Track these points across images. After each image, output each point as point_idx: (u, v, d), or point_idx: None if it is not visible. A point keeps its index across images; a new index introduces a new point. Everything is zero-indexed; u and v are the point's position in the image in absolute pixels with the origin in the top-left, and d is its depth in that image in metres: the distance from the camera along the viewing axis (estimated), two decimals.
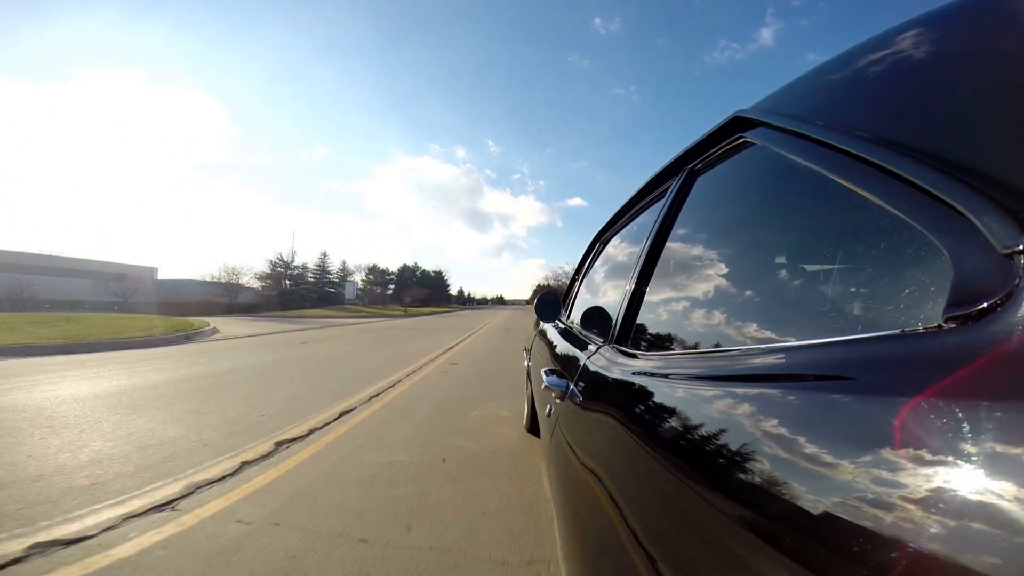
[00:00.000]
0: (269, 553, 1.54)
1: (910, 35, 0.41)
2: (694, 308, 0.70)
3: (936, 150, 0.31)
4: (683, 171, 0.87)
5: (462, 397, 4.14)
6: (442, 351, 7.96)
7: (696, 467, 0.41)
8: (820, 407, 0.31)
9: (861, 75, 0.45)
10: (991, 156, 0.29)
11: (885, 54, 0.44)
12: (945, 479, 0.21)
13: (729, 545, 0.33)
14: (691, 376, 0.52)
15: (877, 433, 0.25)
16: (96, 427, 3.00)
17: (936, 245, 0.28)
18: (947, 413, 0.22)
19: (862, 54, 0.47)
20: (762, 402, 0.37)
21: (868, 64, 0.45)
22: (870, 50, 0.46)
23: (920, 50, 0.39)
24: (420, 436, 2.93)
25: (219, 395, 4.05)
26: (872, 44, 0.46)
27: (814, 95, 0.51)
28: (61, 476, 2.16)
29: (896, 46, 0.43)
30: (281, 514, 1.84)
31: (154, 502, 1.91)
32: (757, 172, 0.64)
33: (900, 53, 0.42)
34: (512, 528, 1.76)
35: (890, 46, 0.43)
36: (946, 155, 0.30)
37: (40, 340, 7.84)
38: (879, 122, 0.39)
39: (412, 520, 1.80)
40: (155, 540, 1.62)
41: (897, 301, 0.32)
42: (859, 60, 0.47)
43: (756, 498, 0.32)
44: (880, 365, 0.29)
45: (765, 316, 0.52)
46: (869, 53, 0.46)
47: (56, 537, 1.61)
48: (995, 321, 0.23)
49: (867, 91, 0.43)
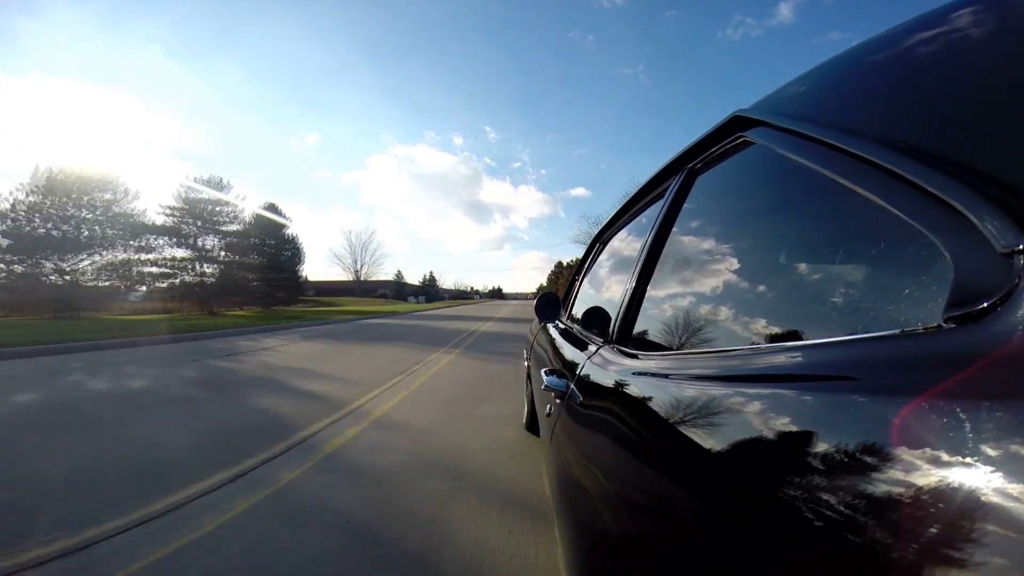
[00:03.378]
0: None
1: (910, 35, 0.41)
2: (694, 308, 0.70)
3: (936, 150, 0.31)
4: (683, 170, 0.87)
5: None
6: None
7: (696, 467, 0.41)
8: (820, 407, 0.31)
9: (861, 75, 0.45)
10: (991, 156, 0.29)
11: (885, 54, 0.44)
12: (946, 479, 0.20)
13: (729, 545, 0.33)
14: (691, 376, 0.52)
15: (876, 433, 0.25)
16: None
17: (936, 245, 0.28)
18: (947, 413, 0.22)
19: (862, 53, 0.47)
20: (762, 402, 0.37)
21: (868, 64, 0.45)
22: (870, 50, 0.46)
23: (920, 50, 0.39)
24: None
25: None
26: (872, 44, 0.46)
27: (814, 95, 0.50)
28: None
29: (896, 46, 0.42)
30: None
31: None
32: (757, 172, 0.64)
33: (900, 53, 0.42)
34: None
35: (890, 46, 0.43)
36: (946, 155, 0.30)
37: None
38: (879, 122, 0.39)
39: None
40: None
41: (897, 301, 0.32)
42: (859, 60, 0.47)
43: (757, 499, 0.32)
44: (879, 365, 0.29)
45: (765, 316, 0.52)
46: (869, 53, 0.46)
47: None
48: (995, 321, 0.23)
49: (867, 91, 0.43)
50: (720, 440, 0.38)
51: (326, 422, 3.13)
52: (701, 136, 0.78)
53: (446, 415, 3.36)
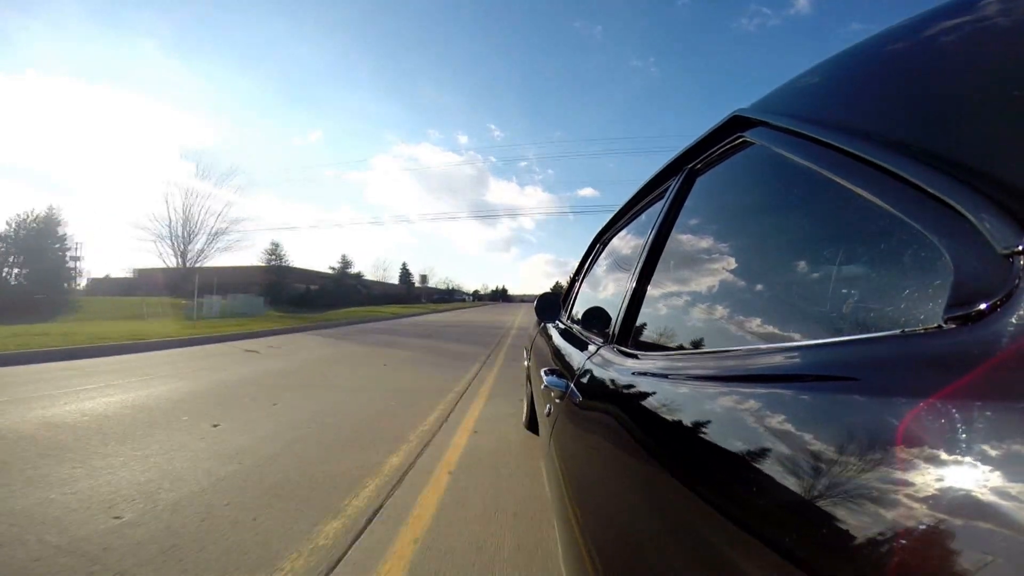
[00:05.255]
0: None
1: (910, 34, 0.41)
2: (694, 308, 0.70)
3: (936, 150, 0.31)
4: (683, 171, 0.87)
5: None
6: None
7: (696, 468, 0.41)
8: (820, 407, 0.31)
9: (861, 74, 0.45)
10: (991, 156, 0.29)
11: (885, 53, 0.44)
12: (946, 479, 0.20)
13: (729, 546, 0.33)
14: (691, 376, 0.52)
15: (876, 434, 0.25)
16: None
17: (936, 246, 0.28)
18: (947, 414, 0.22)
19: (862, 53, 0.47)
20: (763, 402, 0.37)
21: (868, 63, 0.45)
22: (870, 49, 0.46)
23: (920, 49, 0.39)
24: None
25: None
26: (872, 43, 0.46)
27: (814, 94, 0.50)
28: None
29: (896, 45, 0.42)
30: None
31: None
32: (757, 172, 0.64)
33: (900, 52, 0.42)
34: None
35: (890, 45, 0.43)
36: (946, 155, 0.30)
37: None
38: (879, 122, 0.39)
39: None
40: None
41: (897, 302, 0.32)
42: (859, 59, 0.47)
43: (757, 499, 0.32)
44: (879, 365, 0.29)
45: (765, 316, 0.52)
46: (869, 52, 0.46)
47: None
48: (995, 322, 0.23)
49: (867, 90, 0.43)
50: (720, 440, 0.38)
51: None
52: (701, 136, 0.78)
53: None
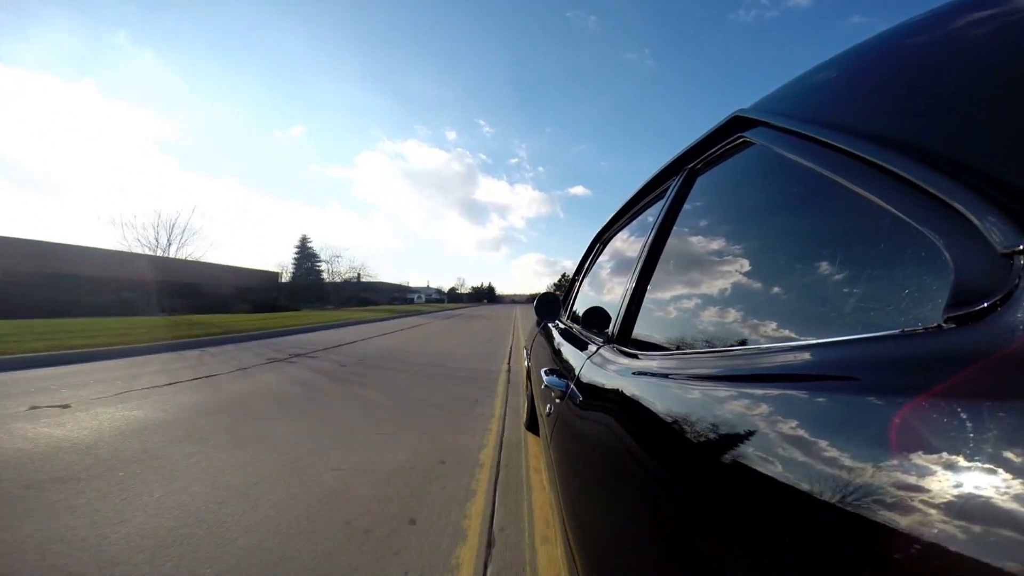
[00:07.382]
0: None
1: (910, 34, 0.41)
2: (694, 308, 0.70)
3: (936, 150, 0.31)
4: (683, 171, 0.87)
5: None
6: None
7: (696, 467, 0.41)
8: (820, 407, 0.31)
9: (861, 74, 0.45)
10: (991, 156, 0.29)
11: (885, 53, 0.44)
12: (946, 479, 0.21)
13: (730, 546, 0.33)
14: (691, 376, 0.52)
15: (876, 433, 0.25)
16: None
17: (936, 245, 0.28)
18: (947, 413, 0.22)
19: (862, 53, 0.47)
20: (763, 401, 0.37)
21: (868, 63, 0.45)
22: (870, 49, 0.46)
23: (920, 49, 0.39)
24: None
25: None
26: (872, 43, 0.46)
27: (814, 95, 0.50)
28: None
29: (896, 45, 0.43)
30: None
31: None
32: (757, 172, 0.64)
33: (900, 52, 0.42)
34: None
35: (890, 45, 0.43)
36: (946, 155, 0.30)
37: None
38: (879, 122, 0.39)
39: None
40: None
41: (897, 301, 0.32)
42: (859, 59, 0.47)
43: (757, 499, 0.32)
44: (879, 365, 0.29)
45: (765, 316, 0.52)
46: (869, 52, 0.46)
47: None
48: (995, 321, 0.23)
49: (867, 91, 0.43)
50: (720, 440, 0.38)
51: None
52: (701, 136, 0.78)
53: None
